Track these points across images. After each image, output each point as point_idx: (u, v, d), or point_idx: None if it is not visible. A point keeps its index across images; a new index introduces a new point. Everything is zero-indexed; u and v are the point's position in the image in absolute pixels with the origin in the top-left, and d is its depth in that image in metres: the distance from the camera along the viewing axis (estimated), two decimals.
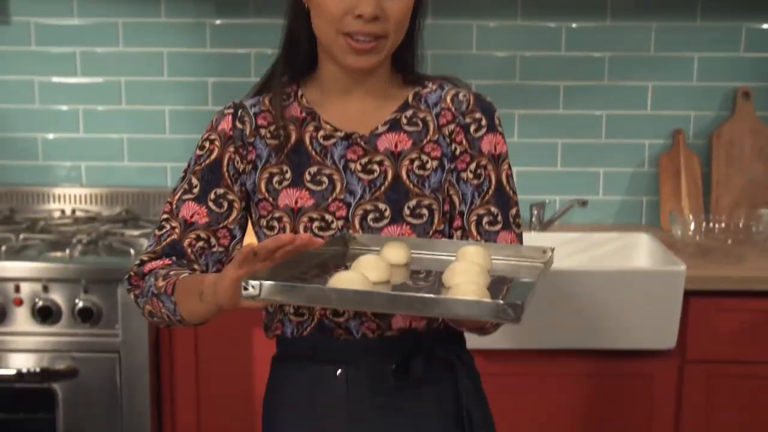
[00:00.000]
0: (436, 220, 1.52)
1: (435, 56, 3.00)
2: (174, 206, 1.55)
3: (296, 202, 1.51)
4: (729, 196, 2.99)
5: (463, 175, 1.54)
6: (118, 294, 2.47)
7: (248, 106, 1.59)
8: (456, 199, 1.54)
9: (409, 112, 1.57)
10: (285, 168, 1.53)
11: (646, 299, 2.38)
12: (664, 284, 2.40)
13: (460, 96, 1.57)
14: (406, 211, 1.51)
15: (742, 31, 2.99)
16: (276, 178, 1.53)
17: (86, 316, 2.46)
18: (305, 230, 1.50)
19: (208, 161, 1.55)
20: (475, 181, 1.53)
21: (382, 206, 1.51)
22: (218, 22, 3.02)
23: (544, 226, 2.89)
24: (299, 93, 1.58)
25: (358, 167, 1.52)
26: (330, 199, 1.51)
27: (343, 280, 1.25)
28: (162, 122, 3.09)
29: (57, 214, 3.07)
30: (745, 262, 2.61)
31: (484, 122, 1.55)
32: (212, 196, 1.54)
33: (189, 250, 1.52)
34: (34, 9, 3.03)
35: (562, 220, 2.95)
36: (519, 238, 1.55)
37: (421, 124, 1.55)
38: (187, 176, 1.56)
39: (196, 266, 1.52)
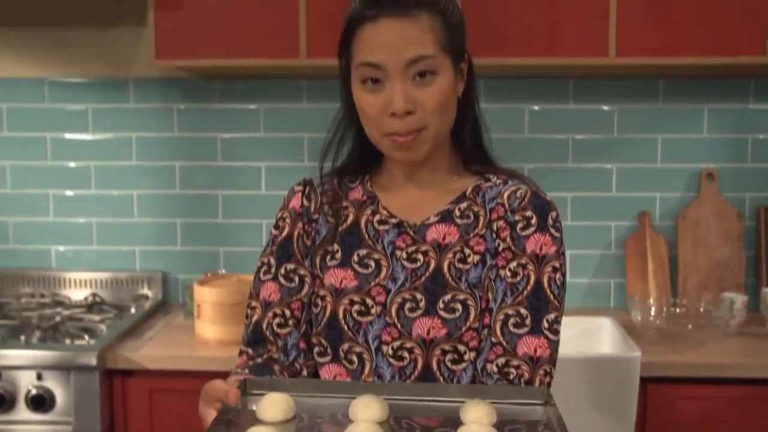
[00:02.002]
0: (471, 317, 1.47)
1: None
2: (255, 288, 1.60)
3: (341, 283, 1.54)
4: (697, 277, 2.96)
5: (501, 272, 1.48)
6: (71, 381, 2.45)
7: (317, 184, 1.63)
8: (490, 295, 1.49)
9: (463, 205, 1.55)
10: (337, 247, 1.57)
11: (603, 386, 2.35)
12: (620, 371, 2.37)
13: (518, 193, 1.52)
14: (440, 305, 1.48)
15: (704, 112, 2.99)
16: (328, 256, 1.57)
17: (39, 403, 2.45)
18: (344, 312, 1.51)
19: (280, 239, 1.60)
20: (511, 279, 1.47)
21: (419, 296, 1.50)
22: (183, 107, 3.06)
23: None
24: (366, 177, 1.62)
25: (404, 255, 1.53)
26: (372, 284, 1.52)
27: None
28: (131, 206, 3.11)
29: (25, 298, 3.07)
30: (705, 347, 2.57)
31: (534, 221, 1.48)
32: (283, 271, 1.58)
33: (268, 333, 1.56)
34: (6, 95, 3.09)
35: None
36: (552, 346, 1.45)
37: (472, 217, 1.53)
38: (266, 257, 1.61)
39: (274, 349, 1.56)
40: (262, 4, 2.69)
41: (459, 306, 1.48)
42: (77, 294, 3.09)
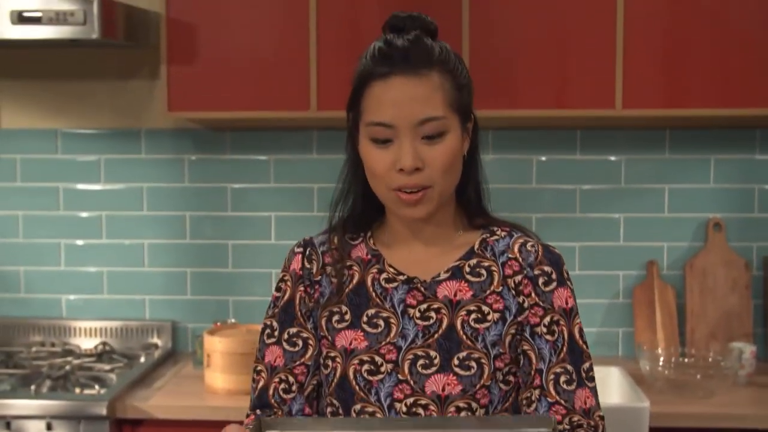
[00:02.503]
0: (485, 375, 1.47)
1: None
2: (260, 351, 1.59)
3: (351, 343, 1.52)
4: (705, 327, 2.97)
5: (538, 330, 1.49)
6: (81, 431, 2.46)
7: (317, 244, 1.61)
8: (532, 355, 1.49)
9: (473, 261, 1.54)
10: (345, 309, 1.55)
11: None
12: (629, 421, 2.37)
13: (528, 246, 1.54)
14: (455, 362, 1.48)
15: (710, 162, 3.02)
16: (335, 318, 1.55)
17: None
18: (355, 373, 1.50)
19: (282, 302, 1.59)
20: (550, 337, 1.49)
21: (432, 353, 1.49)
22: (194, 157, 3.10)
23: None
24: (368, 235, 1.60)
25: (417, 313, 1.52)
26: (383, 342, 1.51)
27: None
28: (141, 255, 3.14)
29: (36, 347, 3.08)
30: (714, 398, 2.57)
31: (554, 276, 1.51)
32: (285, 336, 1.57)
33: (273, 400, 1.55)
34: (20, 146, 3.13)
35: None
36: (593, 392, 1.50)
37: (485, 274, 1.53)
38: (269, 319, 1.60)
39: (279, 413, 1.55)
40: (273, 58, 2.75)
41: (474, 364, 1.47)
42: (87, 343, 3.10)
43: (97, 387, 2.59)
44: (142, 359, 2.93)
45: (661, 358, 2.71)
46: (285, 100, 2.75)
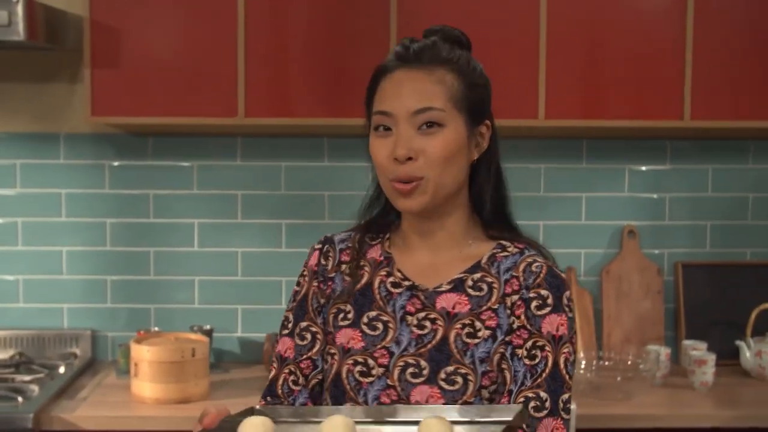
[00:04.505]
0: (469, 391, 1.46)
1: (332, 197, 3.08)
2: (278, 342, 1.63)
3: (348, 342, 1.54)
4: (620, 331, 3.08)
5: (518, 351, 1.46)
6: None
7: (337, 241, 1.64)
8: (507, 376, 1.46)
9: (477, 275, 1.53)
10: (350, 307, 1.57)
11: None
12: None
13: (534, 267, 1.50)
14: (442, 375, 1.47)
15: (625, 172, 3.13)
16: (341, 315, 1.57)
17: None
18: (347, 372, 1.52)
19: (299, 297, 1.63)
20: (529, 362, 1.45)
21: (423, 363, 1.49)
22: (116, 163, 3.05)
23: None
24: (387, 236, 1.62)
25: (414, 321, 1.52)
26: (378, 346, 1.52)
27: None
28: (59, 263, 3.07)
29: None
30: (633, 399, 2.67)
31: (550, 300, 1.47)
32: (297, 330, 1.60)
33: (280, 389, 1.58)
34: None
35: None
36: (566, 425, 1.44)
37: (485, 290, 1.51)
38: (288, 312, 1.63)
39: (286, 404, 1.57)
40: (200, 63, 2.72)
41: (460, 379, 1.47)
42: (2, 354, 3.01)
43: (20, 399, 2.52)
44: (62, 369, 2.86)
45: (583, 362, 2.80)
46: (212, 106, 2.73)
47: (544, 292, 1.47)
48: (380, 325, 1.54)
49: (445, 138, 1.47)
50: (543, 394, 1.43)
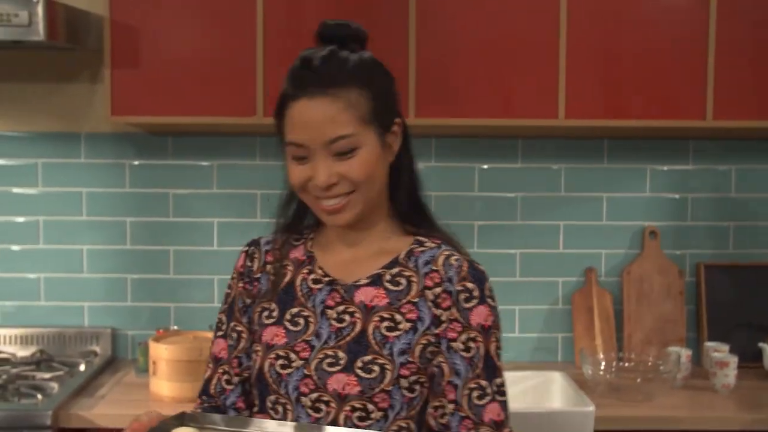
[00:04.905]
0: (386, 380, 1.50)
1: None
2: (212, 344, 1.70)
3: (272, 339, 1.58)
4: (641, 332, 3.05)
5: (454, 345, 1.53)
6: None
7: (263, 243, 1.69)
8: (446, 369, 1.53)
9: (395, 270, 1.58)
10: (274, 306, 1.62)
11: None
12: (573, 425, 2.42)
13: (452, 260, 1.57)
14: (359, 364, 1.51)
15: (646, 172, 3.11)
16: (265, 314, 1.62)
17: None
18: (270, 366, 1.55)
19: (229, 299, 1.69)
20: (466, 354, 1.52)
21: (341, 354, 1.53)
22: (136, 162, 3.06)
23: None
24: (310, 236, 1.68)
25: (334, 314, 1.56)
26: (299, 340, 1.56)
27: None
28: (80, 261, 3.09)
29: None
30: (653, 401, 2.64)
31: (476, 293, 1.54)
32: (228, 330, 1.67)
33: (213, 389, 1.66)
34: None
35: None
36: (503, 406, 1.54)
37: (404, 284, 1.57)
38: (220, 314, 1.70)
39: (218, 402, 1.65)
40: (219, 63, 2.72)
41: (377, 368, 1.51)
42: (22, 351, 3.03)
43: (39, 396, 2.54)
44: (82, 367, 2.88)
45: (603, 363, 2.78)
46: (231, 105, 2.73)
47: (470, 285, 1.54)
48: (302, 321, 1.58)
49: (362, 158, 1.51)
50: (483, 383, 1.52)
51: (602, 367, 2.76)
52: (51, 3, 2.57)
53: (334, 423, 1.50)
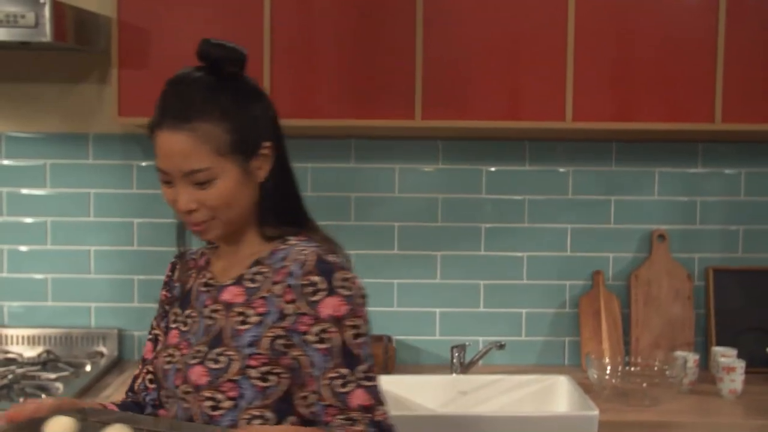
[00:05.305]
0: (232, 370, 1.56)
1: (357, 198, 3.08)
2: (144, 346, 1.82)
3: (169, 339, 1.70)
4: (649, 336, 3.03)
5: (307, 338, 1.55)
6: None
7: (188, 254, 1.82)
8: (304, 361, 1.56)
9: (255, 269, 1.64)
10: (178, 310, 1.73)
11: None
12: (577, 429, 2.41)
13: (300, 255, 1.59)
14: (211, 356, 1.59)
15: (654, 175, 3.09)
16: (172, 318, 1.74)
17: None
18: (159, 364, 1.68)
19: (158, 306, 1.83)
20: (321, 345, 1.55)
21: (204, 349, 1.61)
22: (144, 163, 3.07)
23: (465, 368, 2.89)
24: (215, 244, 1.78)
25: (207, 313, 1.65)
26: (184, 339, 1.67)
27: None
28: (87, 262, 3.09)
29: None
30: (659, 406, 2.63)
31: (323, 286, 1.55)
32: (153, 334, 1.80)
33: (137, 386, 1.79)
34: None
35: (485, 361, 2.96)
36: (371, 391, 1.56)
37: (260, 281, 1.62)
38: (153, 320, 1.82)
39: (140, 399, 1.78)
40: None
41: (224, 359, 1.57)
42: (29, 352, 3.04)
43: (43, 396, 2.54)
44: (88, 368, 2.88)
45: (609, 367, 2.76)
46: None
47: (315, 278, 1.56)
48: (190, 321, 1.68)
49: (219, 189, 1.57)
50: (344, 371, 1.55)
51: (608, 372, 2.75)
52: (58, 4, 2.57)
53: (192, 412, 1.60)
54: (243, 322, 1.59)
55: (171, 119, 1.56)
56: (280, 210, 1.67)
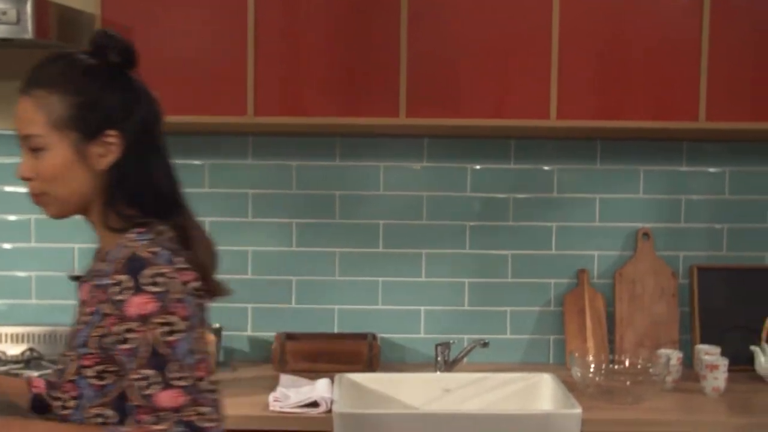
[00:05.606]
0: (70, 370, 1.58)
1: (343, 196, 3.08)
2: None
3: None
4: (633, 334, 3.04)
5: (115, 338, 1.52)
6: None
7: None
8: (118, 360, 1.53)
9: (102, 265, 1.61)
10: None
11: None
12: (560, 427, 2.41)
13: (120, 254, 1.55)
14: (63, 357, 1.64)
15: (639, 173, 3.09)
16: None
17: None
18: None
19: None
20: (124, 346, 1.51)
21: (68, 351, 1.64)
22: None
23: (450, 366, 2.89)
24: None
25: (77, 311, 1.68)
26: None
27: None
28: (71, 260, 3.08)
29: None
30: (642, 403, 2.63)
31: (129, 284, 1.50)
32: None
33: None
34: None
35: (470, 359, 2.96)
36: (184, 391, 1.49)
37: (98, 279, 1.59)
38: None
39: None
40: (209, 62, 2.73)
41: (66, 360, 1.61)
42: (12, 350, 3.03)
43: None
44: None
45: (592, 365, 2.76)
46: (221, 104, 2.73)
47: (121, 277, 1.52)
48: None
49: (48, 161, 1.58)
50: (148, 372, 1.49)
51: (592, 370, 2.75)
52: (40, 1, 2.56)
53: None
54: (79, 322, 1.61)
55: (24, 84, 1.60)
56: (128, 202, 1.62)
